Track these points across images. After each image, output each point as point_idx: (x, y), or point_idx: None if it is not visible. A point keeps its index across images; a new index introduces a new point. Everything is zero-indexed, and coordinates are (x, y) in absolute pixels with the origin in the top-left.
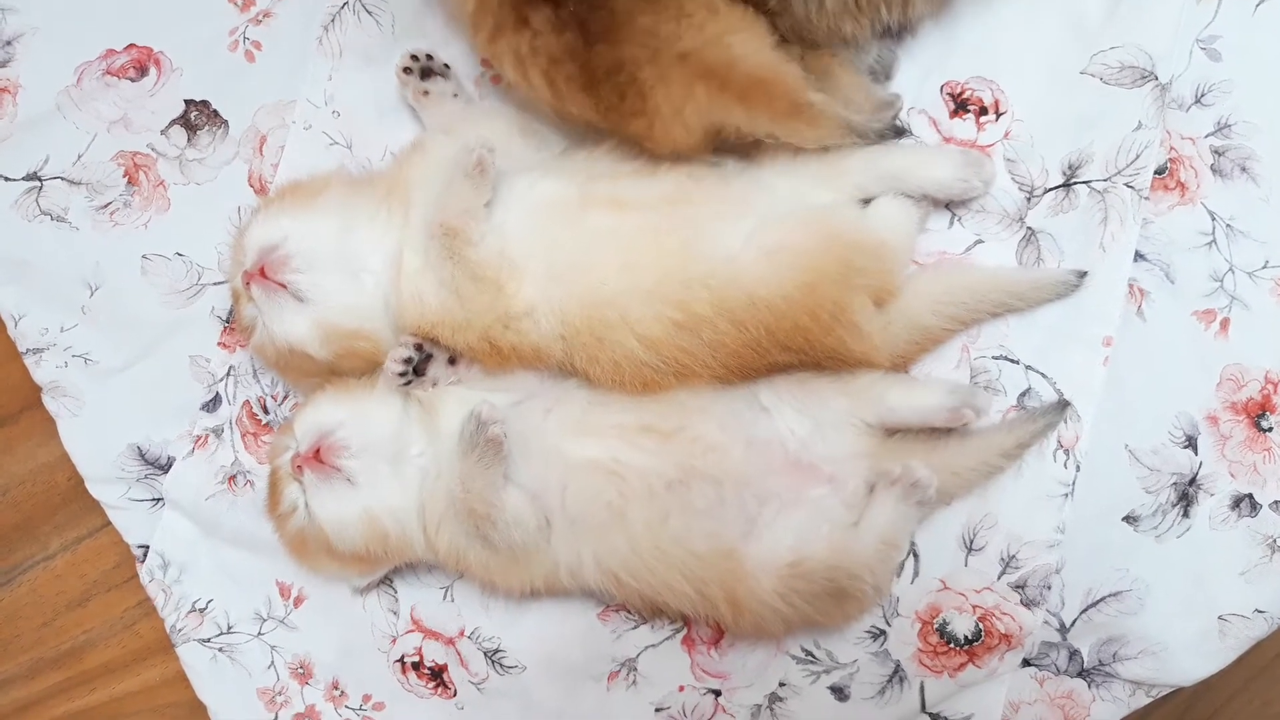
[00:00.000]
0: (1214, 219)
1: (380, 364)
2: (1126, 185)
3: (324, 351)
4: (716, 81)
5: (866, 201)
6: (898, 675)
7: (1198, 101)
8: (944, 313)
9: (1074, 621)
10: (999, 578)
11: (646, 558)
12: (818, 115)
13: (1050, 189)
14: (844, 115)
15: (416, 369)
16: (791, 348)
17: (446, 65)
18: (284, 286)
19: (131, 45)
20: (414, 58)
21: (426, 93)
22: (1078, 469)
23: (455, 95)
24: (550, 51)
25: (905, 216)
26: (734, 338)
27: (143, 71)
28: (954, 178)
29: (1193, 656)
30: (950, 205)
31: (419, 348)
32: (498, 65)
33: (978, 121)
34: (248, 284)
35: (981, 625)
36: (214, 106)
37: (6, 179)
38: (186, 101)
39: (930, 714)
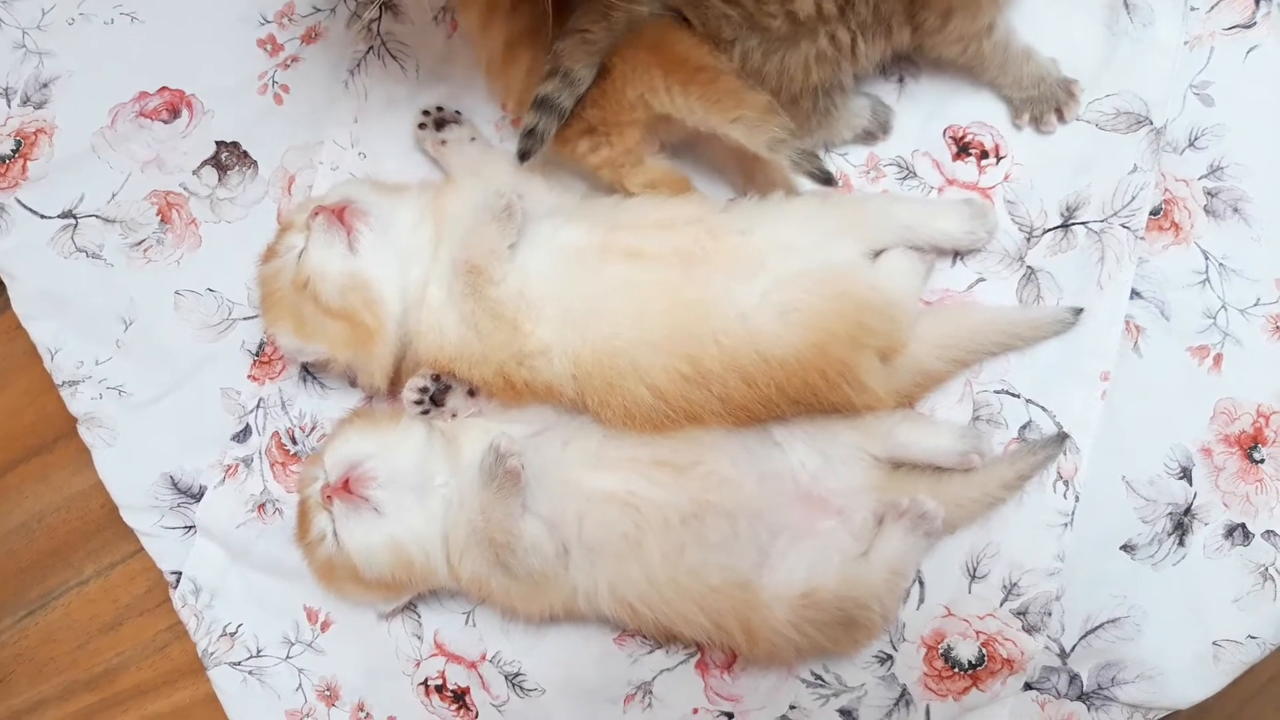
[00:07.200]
0: (1207, 258)
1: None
2: (1123, 226)
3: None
4: (673, 64)
5: (876, 253)
6: (904, 698)
7: (1191, 145)
8: (946, 356)
9: (1074, 647)
10: (1001, 604)
11: (663, 589)
12: (757, 101)
13: (1049, 229)
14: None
15: (434, 399)
16: (800, 402)
17: (458, 112)
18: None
19: (164, 88)
20: (425, 112)
21: (444, 142)
22: (1077, 499)
23: (473, 139)
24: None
25: (914, 272)
26: (742, 393)
27: (175, 113)
28: (962, 230)
29: (1188, 681)
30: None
31: (436, 378)
32: (460, 16)
33: (979, 165)
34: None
35: (984, 650)
36: (244, 147)
37: (43, 216)
38: (218, 143)
39: None
